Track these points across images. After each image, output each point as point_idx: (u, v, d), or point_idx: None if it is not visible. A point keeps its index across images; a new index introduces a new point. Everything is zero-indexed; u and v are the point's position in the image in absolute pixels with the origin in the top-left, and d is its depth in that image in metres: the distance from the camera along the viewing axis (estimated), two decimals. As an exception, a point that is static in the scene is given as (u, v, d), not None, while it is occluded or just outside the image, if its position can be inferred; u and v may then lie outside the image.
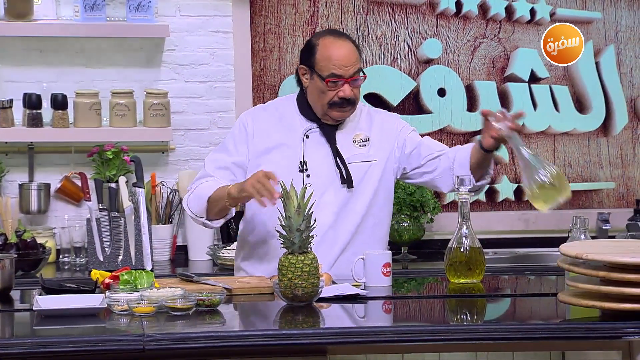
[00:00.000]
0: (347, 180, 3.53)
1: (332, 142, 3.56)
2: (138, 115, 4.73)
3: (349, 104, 3.52)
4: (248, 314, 3.13)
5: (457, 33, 5.09)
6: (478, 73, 5.12)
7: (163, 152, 4.84)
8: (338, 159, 3.55)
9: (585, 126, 5.21)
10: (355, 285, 3.32)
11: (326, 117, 3.55)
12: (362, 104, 3.70)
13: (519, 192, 5.17)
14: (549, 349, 3.07)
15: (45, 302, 2.98)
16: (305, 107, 3.58)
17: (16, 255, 3.50)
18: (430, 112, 5.10)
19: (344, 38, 3.55)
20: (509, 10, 5.14)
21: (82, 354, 2.65)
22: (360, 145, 3.59)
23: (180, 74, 4.87)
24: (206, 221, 3.53)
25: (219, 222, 3.55)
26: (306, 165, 3.54)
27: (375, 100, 5.05)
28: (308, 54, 3.52)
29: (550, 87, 5.18)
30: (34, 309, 2.94)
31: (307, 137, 3.56)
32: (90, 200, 4.59)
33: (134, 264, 4.49)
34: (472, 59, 5.11)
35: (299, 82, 3.60)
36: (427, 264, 4.66)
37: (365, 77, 3.54)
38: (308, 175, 3.53)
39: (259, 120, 3.61)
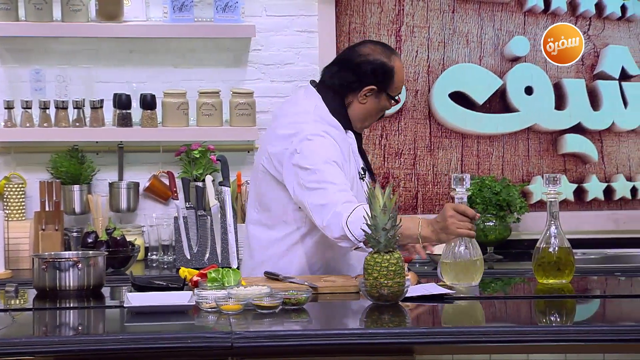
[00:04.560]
0: (373, 179, 3.59)
1: (361, 148, 3.58)
2: (224, 114, 4.78)
3: None
4: (334, 313, 3.14)
5: (545, 30, 5.02)
6: (567, 71, 5.05)
7: (249, 152, 4.88)
8: (365, 162, 3.59)
9: (678, 124, 5.11)
10: (441, 285, 3.30)
11: (361, 129, 3.56)
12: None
13: (608, 191, 5.08)
14: (641, 351, 3.01)
15: (136, 299, 3.02)
16: (343, 118, 3.49)
17: (107, 253, 3.56)
18: (517, 111, 5.05)
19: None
20: (599, 7, 5.05)
21: (172, 351, 2.69)
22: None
23: (266, 73, 4.90)
24: (362, 246, 3.28)
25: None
26: (364, 172, 3.57)
27: (461, 98, 5.01)
28: (385, 77, 3.44)
29: (641, 85, 5.09)
30: (124, 305, 2.99)
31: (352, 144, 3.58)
32: (177, 199, 4.65)
33: (220, 262, 4.53)
34: (560, 56, 5.04)
35: (342, 94, 3.47)
36: (514, 264, 4.61)
37: None
38: (362, 179, 3.56)
39: (331, 133, 3.50)
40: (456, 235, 3.26)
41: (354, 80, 3.45)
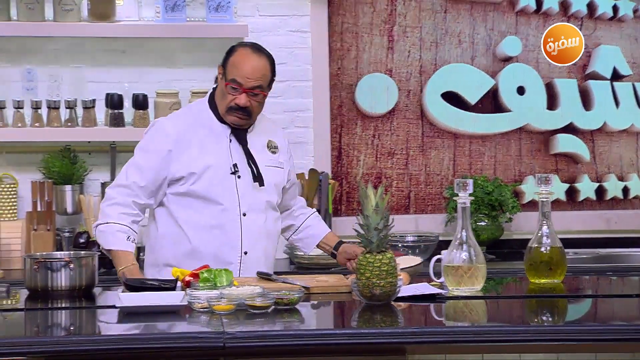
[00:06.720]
0: (258, 179, 3.64)
1: (244, 143, 3.66)
2: (217, 114, 4.77)
3: (245, 112, 3.60)
4: (326, 313, 3.14)
5: (537, 30, 5.03)
6: (558, 71, 5.05)
7: (241, 151, 4.87)
8: (250, 160, 3.66)
9: (669, 124, 5.12)
10: (434, 285, 3.30)
11: (227, 119, 3.64)
12: (263, 114, 3.77)
13: (600, 191, 5.09)
14: (633, 350, 3.01)
15: (128, 299, 3.02)
16: (215, 108, 3.66)
17: (99, 253, 3.56)
18: (509, 111, 5.05)
19: (260, 54, 3.61)
20: (591, 7, 5.06)
21: (164, 351, 2.69)
22: (272, 152, 3.74)
23: (258, 73, 4.89)
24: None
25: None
26: (237, 168, 3.63)
27: (453, 98, 5.02)
28: (226, 56, 3.64)
29: (633, 85, 5.09)
30: (116, 305, 2.99)
31: (231, 140, 3.65)
32: (170, 199, 4.63)
33: (213, 262, 4.52)
34: (552, 56, 5.05)
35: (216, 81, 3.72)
36: (506, 263, 4.62)
37: (265, 95, 3.60)
38: (239, 177, 3.63)
39: (178, 125, 3.66)
40: None
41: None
